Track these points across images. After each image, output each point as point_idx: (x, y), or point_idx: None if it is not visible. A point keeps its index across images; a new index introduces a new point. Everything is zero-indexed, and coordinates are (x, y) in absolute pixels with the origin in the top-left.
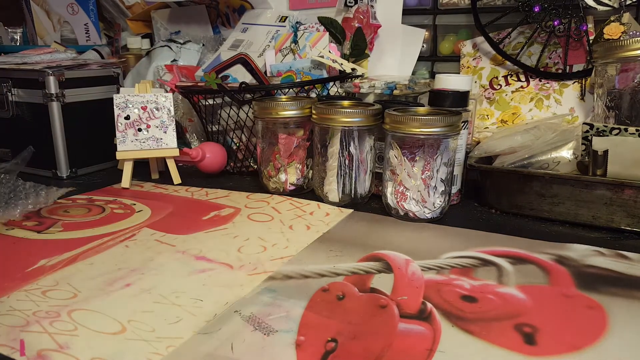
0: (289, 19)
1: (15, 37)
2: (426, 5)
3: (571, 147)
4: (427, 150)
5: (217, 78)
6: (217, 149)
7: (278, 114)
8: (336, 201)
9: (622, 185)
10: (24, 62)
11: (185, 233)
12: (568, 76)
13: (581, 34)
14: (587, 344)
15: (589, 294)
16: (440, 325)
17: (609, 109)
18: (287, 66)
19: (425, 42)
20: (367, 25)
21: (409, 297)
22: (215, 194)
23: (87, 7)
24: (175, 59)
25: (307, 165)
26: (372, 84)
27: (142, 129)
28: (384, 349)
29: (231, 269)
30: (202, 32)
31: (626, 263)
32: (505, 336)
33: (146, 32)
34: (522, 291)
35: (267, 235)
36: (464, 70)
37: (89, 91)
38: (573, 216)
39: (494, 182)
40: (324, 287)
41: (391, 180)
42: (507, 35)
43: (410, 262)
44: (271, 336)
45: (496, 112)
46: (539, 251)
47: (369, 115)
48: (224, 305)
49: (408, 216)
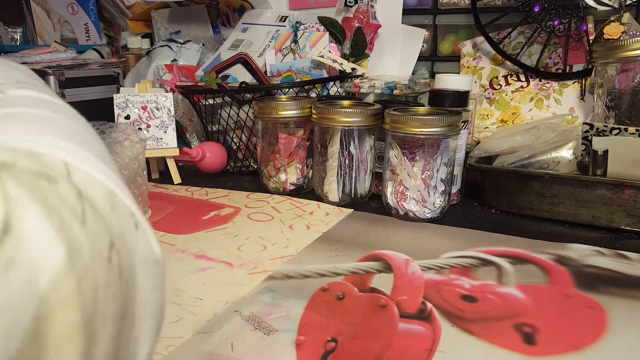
0: (289, 18)
1: (15, 37)
2: (426, 5)
3: (571, 147)
4: (427, 150)
5: (217, 78)
6: (217, 149)
7: (278, 114)
8: (336, 201)
9: (622, 185)
10: (24, 62)
11: (185, 233)
12: (568, 76)
13: (581, 34)
14: (587, 344)
15: (589, 294)
16: (440, 325)
17: (609, 109)
18: (287, 66)
19: (425, 42)
20: (367, 25)
21: (409, 297)
22: (215, 193)
23: (87, 7)
24: (175, 59)
25: (307, 165)
26: (372, 84)
27: (142, 128)
28: (383, 349)
29: (231, 267)
30: (202, 32)
31: (626, 263)
32: (505, 336)
33: (146, 31)
34: (522, 291)
35: (267, 234)
36: (464, 70)
37: (89, 91)
38: (573, 216)
39: (493, 182)
40: (323, 287)
41: (391, 180)
42: (507, 35)
43: (410, 262)
44: (271, 336)
45: (496, 112)
46: (539, 251)
47: (369, 115)
48: (224, 305)
49: (408, 216)
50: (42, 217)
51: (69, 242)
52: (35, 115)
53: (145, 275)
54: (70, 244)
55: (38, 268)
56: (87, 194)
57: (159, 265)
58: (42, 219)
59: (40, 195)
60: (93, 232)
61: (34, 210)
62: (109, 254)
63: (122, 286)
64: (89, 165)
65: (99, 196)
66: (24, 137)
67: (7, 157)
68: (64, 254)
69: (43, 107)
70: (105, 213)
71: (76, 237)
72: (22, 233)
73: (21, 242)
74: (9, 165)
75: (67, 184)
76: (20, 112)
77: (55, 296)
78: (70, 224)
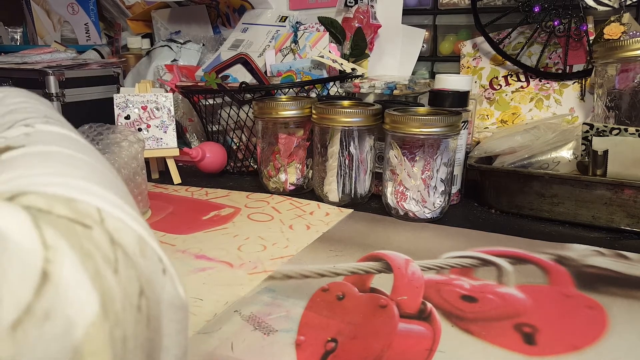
0: (289, 19)
1: (15, 37)
2: (426, 5)
3: (571, 147)
4: (427, 150)
5: (217, 78)
6: (217, 149)
7: (278, 114)
8: (336, 201)
9: (622, 185)
10: (24, 62)
11: (185, 233)
12: (568, 76)
13: (581, 34)
14: (587, 344)
15: (589, 294)
16: (440, 325)
17: (609, 109)
18: (287, 66)
19: (425, 42)
20: (367, 25)
21: (409, 297)
22: (215, 193)
23: (87, 7)
24: (175, 59)
25: (307, 165)
26: (372, 84)
27: (142, 128)
28: (383, 349)
29: (231, 267)
30: (202, 32)
31: (626, 263)
32: (505, 336)
33: (146, 32)
34: (522, 291)
35: (267, 234)
36: (464, 70)
37: (89, 91)
38: (573, 216)
39: (493, 182)
40: (323, 287)
41: (391, 180)
42: (507, 36)
43: (410, 262)
44: (271, 336)
45: (496, 112)
46: (539, 251)
47: (369, 115)
48: (224, 305)
49: (408, 216)
50: (78, 265)
51: (102, 291)
52: (65, 155)
53: (170, 320)
54: (104, 293)
55: (74, 319)
56: (119, 240)
57: (184, 309)
58: (78, 268)
59: (76, 242)
60: (124, 280)
61: (71, 259)
62: (139, 301)
63: (149, 334)
64: (119, 210)
65: (130, 241)
66: (58, 181)
67: (44, 203)
68: (97, 304)
69: (70, 146)
70: (136, 259)
71: (109, 286)
72: (60, 282)
73: (59, 292)
74: (46, 211)
75: (101, 230)
76: (52, 152)
77: (89, 348)
78: (103, 272)
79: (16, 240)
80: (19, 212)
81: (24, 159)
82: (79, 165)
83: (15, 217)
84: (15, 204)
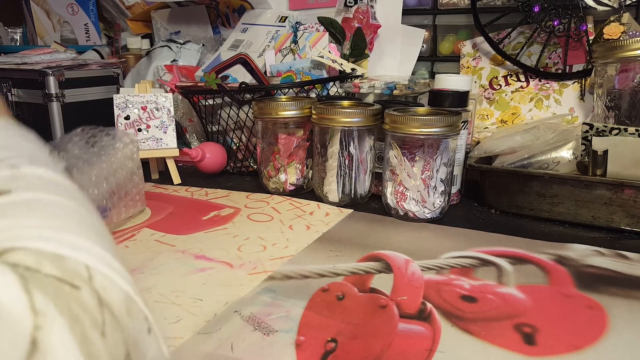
0: (289, 19)
1: (15, 37)
2: (426, 5)
3: (571, 147)
4: (427, 150)
5: (217, 78)
6: (217, 149)
7: (278, 114)
8: (336, 201)
9: (622, 185)
10: (24, 62)
11: (185, 233)
12: (568, 76)
13: (581, 34)
14: (587, 344)
15: (589, 294)
16: (440, 326)
17: (608, 109)
18: (287, 66)
19: (425, 42)
20: (367, 25)
21: (409, 297)
22: (215, 194)
23: (87, 7)
24: (175, 59)
25: (307, 165)
26: (372, 84)
27: (142, 129)
28: (383, 349)
29: (231, 268)
30: (202, 32)
31: (626, 263)
32: (505, 336)
33: (146, 32)
34: (522, 291)
35: (267, 235)
36: (463, 70)
37: (89, 91)
38: (573, 216)
39: (493, 182)
40: (323, 287)
41: (391, 180)
42: (507, 36)
43: (410, 262)
44: (271, 336)
45: (496, 112)
46: (539, 251)
47: (368, 115)
48: (224, 305)
49: (408, 216)
50: (66, 331)
51: (90, 357)
52: (52, 204)
53: None
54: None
55: None
56: (106, 299)
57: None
58: (67, 334)
59: (65, 305)
60: (111, 345)
61: (60, 324)
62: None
63: None
64: (106, 266)
65: (116, 300)
66: (47, 235)
67: (32, 262)
68: None
69: (56, 191)
70: (122, 319)
71: (97, 351)
72: (48, 350)
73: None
74: (34, 270)
75: (89, 290)
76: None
77: None
78: (91, 337)
79: (5, 306)
80: (8, 273)
81: (11, 208)
82: (66, 214)
83: (3, 279)
84: (3, 263)
